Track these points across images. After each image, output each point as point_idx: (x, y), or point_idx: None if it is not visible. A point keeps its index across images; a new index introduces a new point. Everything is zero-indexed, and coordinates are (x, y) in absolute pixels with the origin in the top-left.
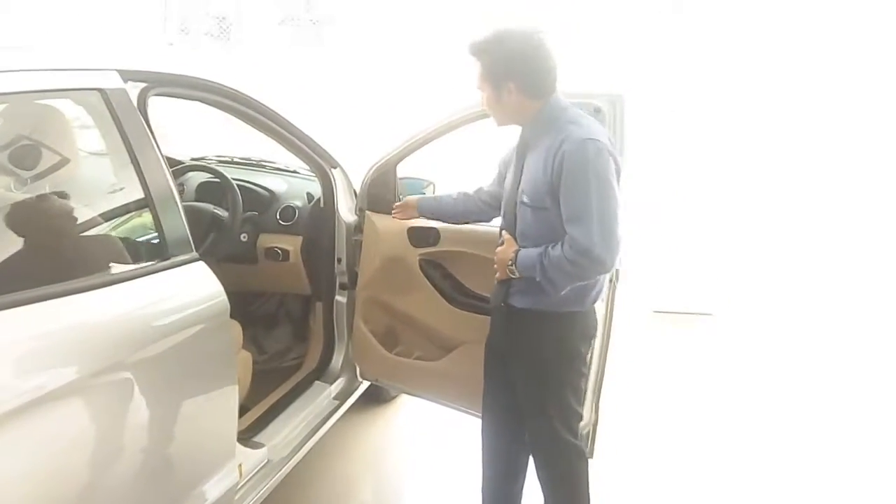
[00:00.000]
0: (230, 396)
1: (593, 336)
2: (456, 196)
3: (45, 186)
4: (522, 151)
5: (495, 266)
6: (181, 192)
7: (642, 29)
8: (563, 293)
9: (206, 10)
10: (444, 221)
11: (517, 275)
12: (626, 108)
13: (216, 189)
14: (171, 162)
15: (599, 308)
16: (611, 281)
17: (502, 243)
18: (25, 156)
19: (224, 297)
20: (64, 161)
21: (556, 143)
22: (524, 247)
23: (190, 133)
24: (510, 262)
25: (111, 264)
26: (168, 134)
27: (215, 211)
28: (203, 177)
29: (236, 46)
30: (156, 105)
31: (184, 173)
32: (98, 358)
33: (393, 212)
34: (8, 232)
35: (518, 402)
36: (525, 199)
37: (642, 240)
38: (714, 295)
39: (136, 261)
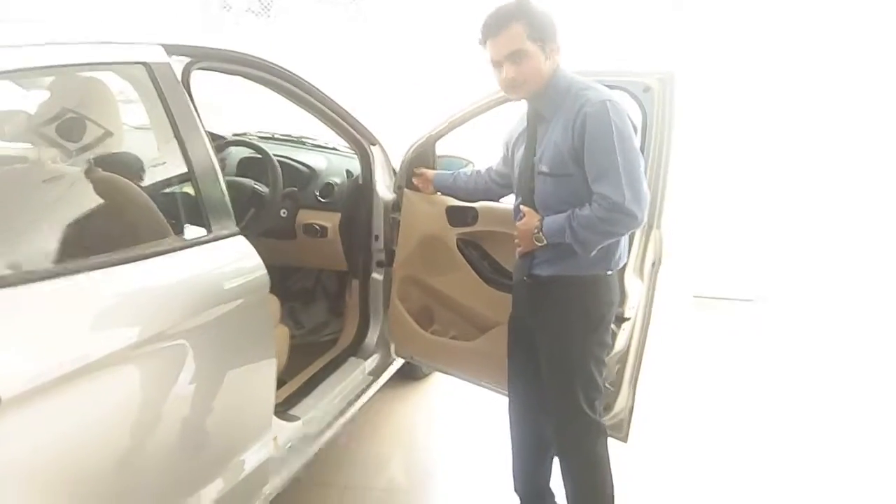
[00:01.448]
0: (268, 370)
1: (616, 302)
2: (470, 174)
3: (90, 159)
4: (534, 124)
5: (517, 241)
6: (222, 168)
7: (642, 28)
8: (592, 254)
9: None
10: (457, 198)
11: (544, 242)
12: (676, 87)
13: (257, 165)
14: (213, 137)
15: (638, 292)
16: (653, 265)
17: (521, 218)
18: (71, 128)
19: (264, 271)
20: (108, 134)
21: (574, 108)
22: (547, 216)
23: (231, 108)
24: (536, 230)
25: (154, 236)
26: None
27: (255, 186)
28: (244, 152)
29: (277, 22)
30: (198, 80)
31: (225, 148)
32: (139, 329)
33: (413, 179)
34: (58, 203)
35: (542, 377)
36: (544, 169)
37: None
38: (755, 281)
39: (178, 234)
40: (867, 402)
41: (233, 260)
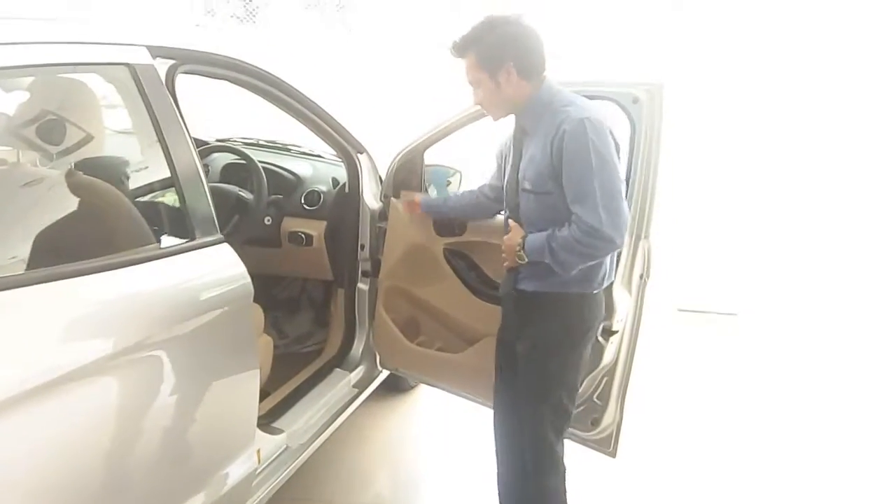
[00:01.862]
0: (251, 381)
1: (598, 320)
2: (461, 194)
3: (70, 162)
4: (520, 139)
5: (503, 255)
6: (205, 174)
7: (641, 28)
8: (572, 273)
9: None
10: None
11: (525, 260)
12: (665, 99)
13: (241, 171)
14: (196, 142)
15: (626, 304)
16: (641, 277)
17: (508, 231)
18: (51, 131)
19: (248, 280)
20: (89, 137)
21: (554, 125)
22: (530, 233)
23: (215, 113)
24: (518, 248)
25: (136, 243)
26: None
27: (240, 193)
28: (228, 158)
29: (262, 29)
30: (182, 84)
31: (209, 154)
32: (119, 338)
33: (401, 205)
34: (36, 207)
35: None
36: (527, 186)
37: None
38: (738, 295)
39: (160, 241)
40: (852, 413)
41: (216, 268)
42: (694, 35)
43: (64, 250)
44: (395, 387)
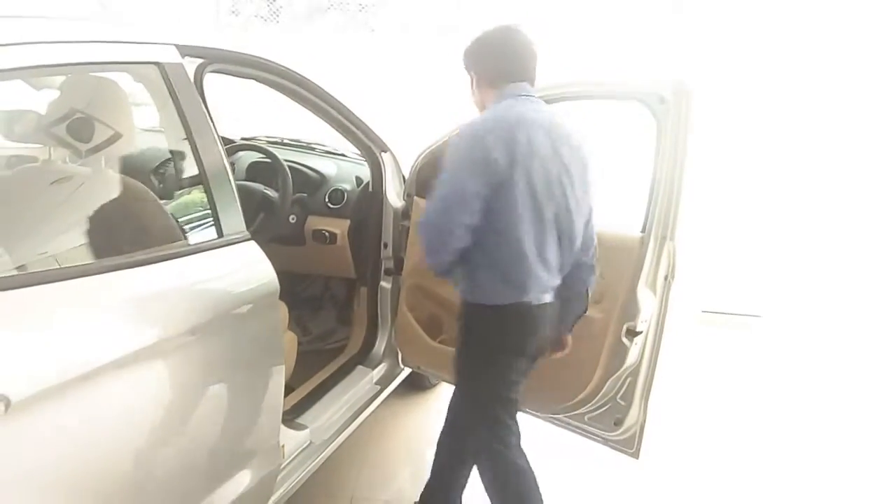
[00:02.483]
0: (277, 377)
1: (509, 335)
2: None
3: (100, 159)
4: None
5: None
6: (232, 172)
7: (643, 29)
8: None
9: None
10: None
11: None
12: (693, 100)
13: (267, 169)
14: (223, 141)
15: (651, 305)
16: (665, 279)
17: None
18: (80, 128)
19: (274, 277)
20: (118, 135)
21: None
22: None
23: (242, 112)
24: None
25: (165, 240)
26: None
27: (265, 191)
28: (254, 156)
29: (285, 29)
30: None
31: (235, 152)
32: (149, 333)
33: None
34: (65, 204)
35: None
36: None
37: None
38: (763, 296)
39: (189, 237)
40: (879, 417)
41: (244, 265)
42: (695, 37)
43: (96, 246)
44: (416, 384)
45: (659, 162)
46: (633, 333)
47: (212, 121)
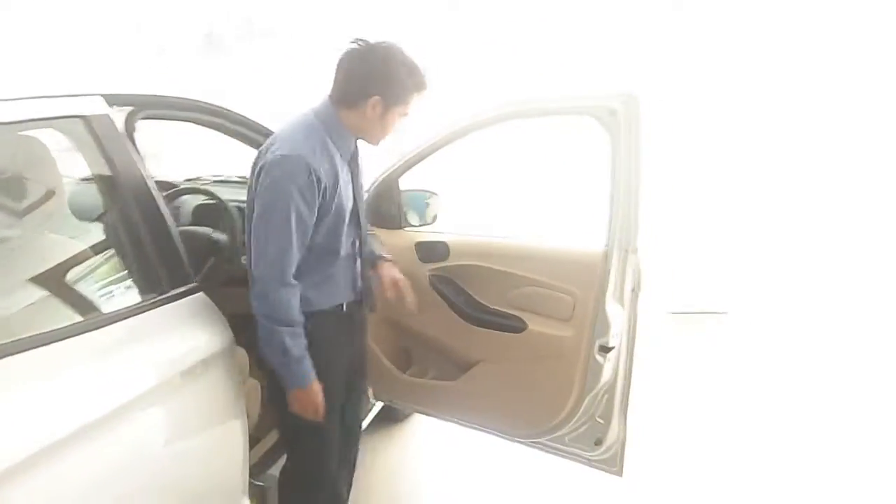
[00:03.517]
0: (239, 432)
1: (326, 340)
2: None
3: (36, 219)
4: (356, 160)
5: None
6: (176, 216)
7: (642, 28)
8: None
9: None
10: None
11: None
12: (641, 108)
13: (214, 211)
14: (166, 185)
15: (620, 319)
16: (633, 290)
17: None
18: (11, 188)
19: (225, 328)
20: (50, 193)
21: None
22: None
23: (188, 151)
24: None
25: (101, 304)
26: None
27: (213, 235)
28: (199, 199)
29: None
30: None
31: (178, 196)
32: (94, 404)
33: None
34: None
35: None
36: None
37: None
38: (729, 293)
39: (125, 299)
40: (849, 410)
41: (190, 319)
42: (694, 35)
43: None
44: (388, 418)
45: (615, 175)
46: (606, 350)
47: (144, 170)
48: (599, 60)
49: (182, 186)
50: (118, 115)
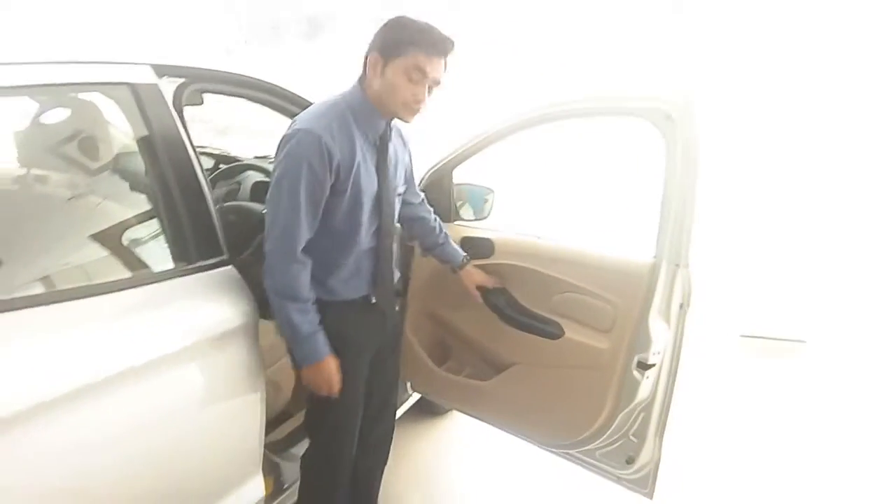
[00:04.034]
0: (253, 407)
1: (349, 336)
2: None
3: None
4: (383, 141)
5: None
6: (236, 191)
7: (643, 30)
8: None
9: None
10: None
11: None
12: (698, 113)
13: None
14: (230, 160)
15: (664, 336)
16: (681, 306)
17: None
18: (88, 147)
19: (251, 305)
20: (121, 154)
21: (398, 128)
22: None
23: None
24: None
25: (130, 268)
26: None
27: (264, 212)
28: (260, 176)
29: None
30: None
31: (242, 171)
32: (106, 366)
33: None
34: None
35: None
36: (400, 190)
37: (730, 257)
38: (809, 319)
39: (155, 265)
40: None
41: (215, 292)
42: (695, 36)
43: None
44: (429, 410)
45: (668, 183)
46: (644, 366)
47: (190, 143)
48: (599, 60)
49: (245, 162)
50: (168, 86)
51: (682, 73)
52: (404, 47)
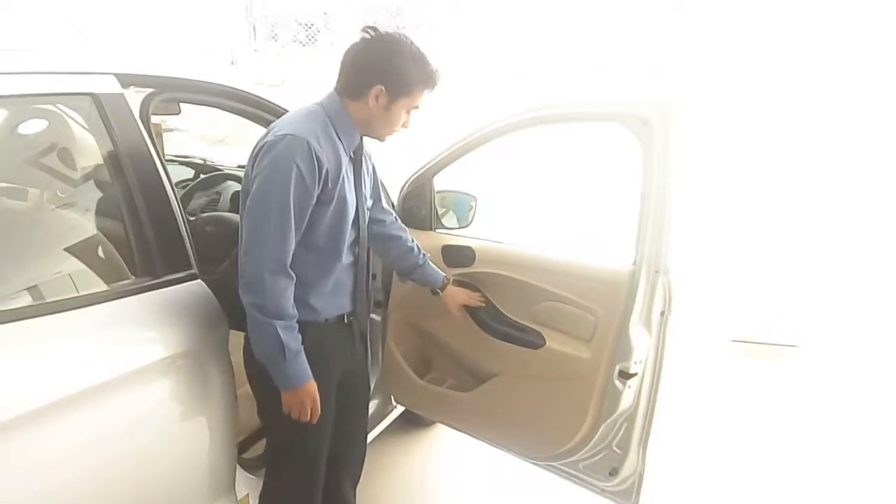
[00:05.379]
0: (224, 425)
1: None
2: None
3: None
4: (357, 157)
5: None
6: (217, 201)
7: (642, 28)
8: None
9: (295, 17)
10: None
11: None
12: (676, 116)
13: None
14: (210, 169)
15: (645, 344)
16: (662, 314)
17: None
18: (66, 158)
19: (221, 319)
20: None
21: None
22: None
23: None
24: None
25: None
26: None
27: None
28: (240, 185)
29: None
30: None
31: (223, 181)
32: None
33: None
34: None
35: None
36: (368, 205)
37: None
38: (800, 323)
39: (118, 281)
40: None
41: (182, 306)
42: (695, 34)
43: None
44: (414, 421)
45: (645, 189)
46: (626, 375)
47: (157, 154)
48: (598, 60)
49: (224, 171)
50: (135, 97)
51: (682, 70)
52: (411, 87)
